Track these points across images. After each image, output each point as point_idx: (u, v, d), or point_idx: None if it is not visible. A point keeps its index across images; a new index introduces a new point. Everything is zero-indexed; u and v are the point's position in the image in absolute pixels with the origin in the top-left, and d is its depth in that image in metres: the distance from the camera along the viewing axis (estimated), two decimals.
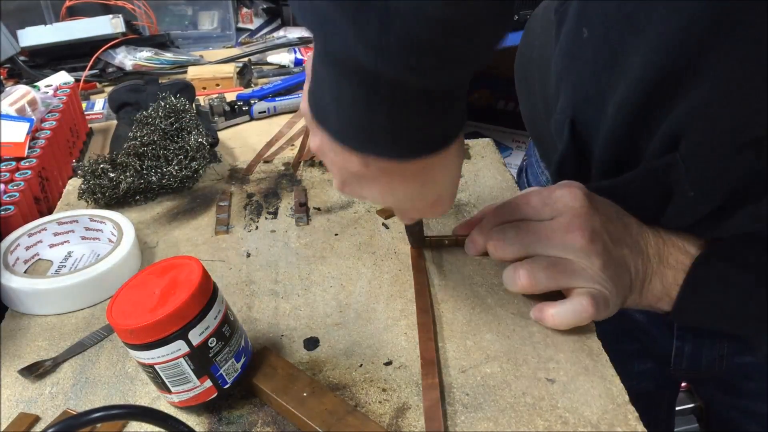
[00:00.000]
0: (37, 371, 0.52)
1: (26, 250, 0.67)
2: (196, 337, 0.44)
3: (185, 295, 0.43)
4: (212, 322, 0.45)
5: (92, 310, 0.60)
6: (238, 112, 1.01)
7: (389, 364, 0.51)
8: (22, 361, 0.54)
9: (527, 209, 0.54)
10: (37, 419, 0.48)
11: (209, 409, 0.48)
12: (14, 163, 0.75)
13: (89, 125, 1.01)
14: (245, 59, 1.25)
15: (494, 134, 1.82)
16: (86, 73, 1.17)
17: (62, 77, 1.06)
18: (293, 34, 1.39)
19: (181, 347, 0.43)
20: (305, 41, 1.31)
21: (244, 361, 0.48)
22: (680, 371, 0.68)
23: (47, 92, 0.94)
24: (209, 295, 0.45)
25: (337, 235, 0.69)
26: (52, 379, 0.52)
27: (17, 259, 0.65)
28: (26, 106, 0.85)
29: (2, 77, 1.15)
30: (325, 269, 0.63)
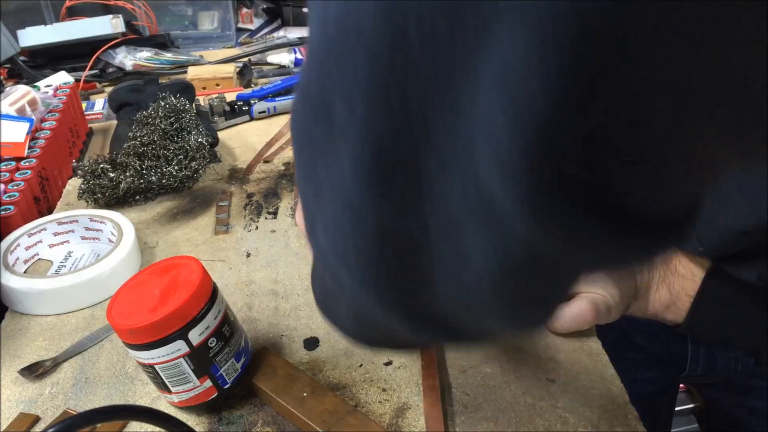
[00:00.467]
0: (37, 371, 0.52)
1: (26, 250, 0.67)
2: (196, 337, 0.44)
3: (185, 295, 0.43)
4: (212, 322, 0.45)
5: (92, 310, 0.60)
6: (238, 112, 1.01)
7: (389, 364, 0.51)
8: (22, 361, 0.54)
9: None
10: (37, 419, 0.48)
11: (209, 409, 0.48)
12: (14, 163, 0.75)
13: (89, 125, 1.01)
14: (245, 59, 1.25)
15: None
16: (86, 73, 1.17)
17: (62, 77, 1.06)
18: (293, 34, 1.39)
19: (181, 347, 0.43)
20: (305, 41, 1.31)
21: (244, 361, 0.48)
22: (694, 377, 0.68)
23: (47, 92, 0.94)
24: (209, 295, 0.45)
25: None
26: (52, 379, 0.52)
27: (17, 259, 0.65)
28: (26, 106, 0.85)
29: (2, 77, 1.15)
30: None
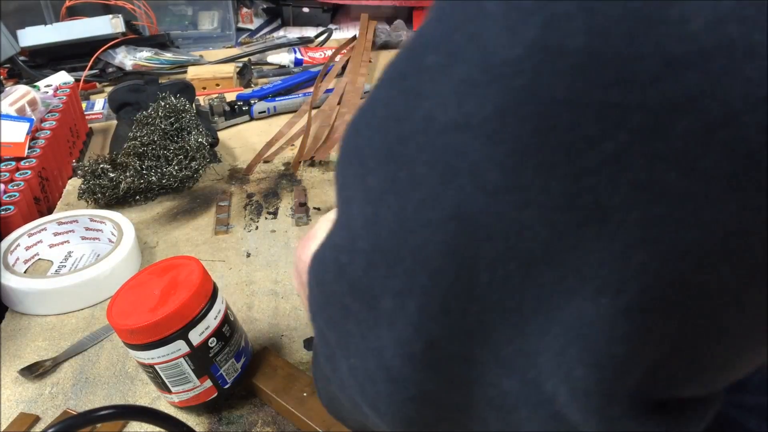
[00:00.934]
0: (37, 371, 0.52)
1: (26, 250, 0.67)
2: (196, 337, 0.44)
3: (185, 295, 0.43)
4: (212, 322, 0.45)
5: (92, 310, 0.60)
6: (238, 112, 1.01)
7: None
8: (22, 361, 0.54)
9: None
10: (37, 419, 0.48)
11: (209, 409, 0.48)
12: (14, 163, 0.75)
13: (89, 125, 1.01)
14: (245, 59, 1.25)
15: None
16: (86, 73, 1.17)
17: (62, 77, 1.06)
18: (293, 34, 1.39)
19: (181, 347, 0.43)
20: (305, 41, 1.31)
21: (244, 361, 0.48)
22: None
23: (47, 92, 0.94)
24: (209, 295, 0.45)
25: None
26: (52, 379, 0.52)
27: (17, 259, 0.65)
28: (26, 106, 0.85)
29: (2, 77, 1.15)
30: None
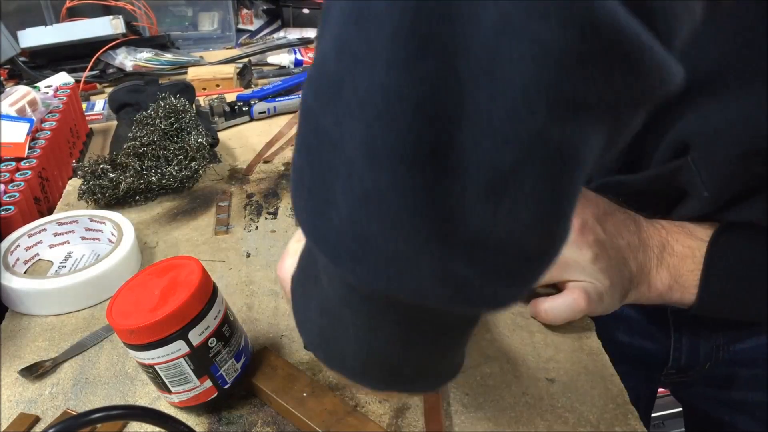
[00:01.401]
0: (37, 371, 0.52)
1: (26, 250, 0.67)
2: (196, 337, 0.44)
3: (185, 295, 0.43)
4: (212, 322, 0.45)
5: (92, 310, 0.60)
6: (238, 112, 1.01)
7: None
8: (22, 361, 0.54)
9: None
10: (37, 419, 0.48)
11: (209, 409, 0.48)
12: (14, 163, 0.75)
13: (89, 126, 1.02)
14: (245, 60, 1.25)
15: None
16: (86, 73, 1.17)
17: (62, 78, 1.06)
18: (293, 35, 1.39)
19: (181, 347, 0.43)
20: (305, 42, 1.31)
21: (244, 361, 0.48)
22: (678, 368, 0.68)
23: (47, 93, 0.95)
24: (209, 295, 0.45)
25: None
26: (52, 379, 0.52)
27: (17, 259, 0.65)
28: (26, 106, 0.85)
29: (2, 78, 1.15)
30: None
